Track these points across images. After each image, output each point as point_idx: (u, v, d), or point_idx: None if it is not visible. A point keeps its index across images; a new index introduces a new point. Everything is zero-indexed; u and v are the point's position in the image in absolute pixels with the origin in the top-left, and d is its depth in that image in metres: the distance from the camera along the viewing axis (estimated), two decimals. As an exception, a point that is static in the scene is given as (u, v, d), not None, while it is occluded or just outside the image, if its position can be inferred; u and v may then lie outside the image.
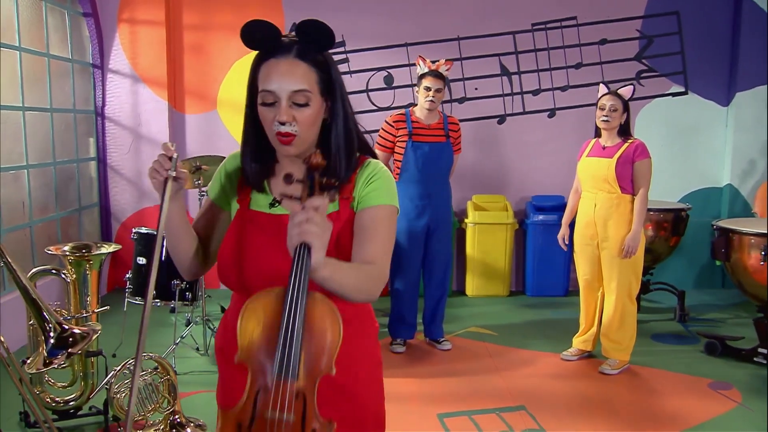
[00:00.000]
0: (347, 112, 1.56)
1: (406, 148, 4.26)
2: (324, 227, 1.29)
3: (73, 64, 5.52)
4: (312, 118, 1.48)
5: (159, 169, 1.49)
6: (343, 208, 1.56)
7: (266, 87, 1.46)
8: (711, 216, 5.98)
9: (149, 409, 3.07)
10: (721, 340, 4.43)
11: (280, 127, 1.45)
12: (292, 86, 1.45)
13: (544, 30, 5.91)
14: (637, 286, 4.13)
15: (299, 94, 1.45)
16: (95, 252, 3.34)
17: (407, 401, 3.69)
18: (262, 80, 1.47)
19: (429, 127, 4.30)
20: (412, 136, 4.25)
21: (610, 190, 4.01)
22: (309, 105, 1.47)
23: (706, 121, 6.07)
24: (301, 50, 1.47)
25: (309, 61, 1.47)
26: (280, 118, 1.45)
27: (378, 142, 4.40)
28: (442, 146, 4.31)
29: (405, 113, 4.35)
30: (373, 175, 1.57)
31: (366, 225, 1.54)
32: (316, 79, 1.48)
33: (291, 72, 1.45)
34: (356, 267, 1.47)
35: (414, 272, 4.43)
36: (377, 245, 1.53)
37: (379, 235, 1.54)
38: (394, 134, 4.30)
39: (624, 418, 3.53)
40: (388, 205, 1.56)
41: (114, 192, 5.99)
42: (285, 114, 1.45)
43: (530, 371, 4.17)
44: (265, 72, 1.47)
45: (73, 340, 2.16)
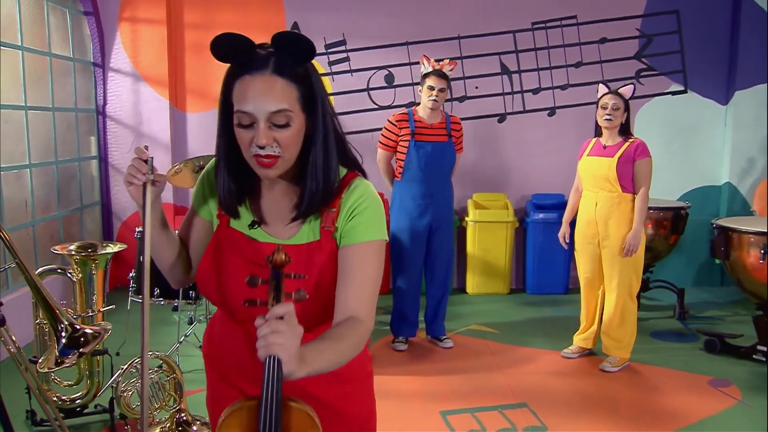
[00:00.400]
0: (328, 129, 1.43)
1: (408, 147, 4.28)
2: (292, 335, 1.17)
3: (74, 63, 5.53)
4: (294, 137, 1.37)
5: (136, 174, 1.42)
6: (324, 238, 1.45)
7: (242, 108, 1.33)
8: (710, 214, 6.02)
9: (156, 408, 3.10)
10: (721, 338, 4.47)
11: (259, 150, 1.34)
12: (270, 107, 1.32)
13: (544, 29, 5.94)
14: (638, 284, 4.17)
15: (279, 115, 1.33)
16: (101, 251, 3.36)
17: (410, 399, 3.72)
18: (237, 99, 1.35)
19: (431, 126, 4.32)
20: (415, 135, 4.28)
21: (610, 189, 4.04)
22: (290, 125, 1.35)
23: (705, 120, 6.11)
24: (278, 63, 1.33)
25: (287, 76, 1.34)
26: (259, 142, 1.33)
27: (380, 141, 4.42)
28: (445, 146, 4.34)
29: (408, 112, 4.37)
30: (359, 204, 1.44)
31: (352, 265, 1.42)
32: (296, 96, 1.35)
33: (268, 90, 1.32)
34: (336, 341, 1.33)
35: (416, 271, 4.46)
36: (363, 291, 1.42)
37: (367, 278, 1.43)
38: (397, 133, 4.32)
39: (624, 415, 3.56)
40: (375, 240, 1.45)
41: (115, 191, 6.00)
42: (264, 137, 1.33)
43: (531, 369, 4.20)
44: (240, 90, 1.34)
45: (84, 340, 2.18)
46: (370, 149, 5.20)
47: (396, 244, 4.41)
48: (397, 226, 4.39)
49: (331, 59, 5.89)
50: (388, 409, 3.50)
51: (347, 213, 1.45)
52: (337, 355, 1.32)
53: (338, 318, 1.41)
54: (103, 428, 3.33)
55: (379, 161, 4.47)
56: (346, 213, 1.45)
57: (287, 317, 1.18)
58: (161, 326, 4.89)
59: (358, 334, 1.37)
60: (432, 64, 4.34)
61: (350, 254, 1.43)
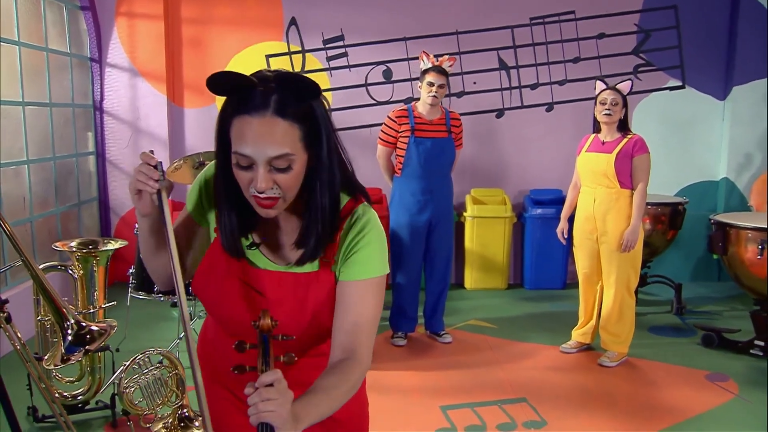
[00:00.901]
0: (333, 164, 1.36)
1: (408, 143, 4.28)
2: (282, 401, 1.15)
3: (71, 59, 5.51)
4: (295, 179, 1.31)
5: (147, 182, 1.33)
6: (323, 269, 1.40)
7: (240, 150, 1.25)
8: (707, 209, 6.04)
9: (158, 403, 3.11)
10: (718, 333, 4.50)
11: (258, 193, 1.28)
12: (270, 151, 1.24)
13: (542, 24, 5.94)
14: (636, 279, 4.19)
15: (280, 159, 1.26)
16: (102, 248, 3.36)
17: (410, 394, 3.74)
18: (235, 139, 1.26)
19: (431, 122, 4.32)
20: (415, 131, 4.28)
21: (609, 185, 4.05)
22: (291, 168, 1.28)
23: (702, 115, 6.12)
24: (280, 103, 1.25)
25: (290, 116, 1.25)
26: (259, 187, 1.26)
27: (380, 137, 4.42)
28: (444, 142, 4.34)
29: (407, 108, 4.37)
30: (361, 238, 1.39)
31: (350, 302, 1.38)
32: (299, 136, 1.28)
33: (269, 134, 1.24)
34: (330, 391, 1.30)
35: (415, 267, 4.47)
36: (361, 330, 1.38)
37: (365, 316, 1.38)
38: (397, 129, 4.32)
39: (623, 410, 3.58)
40: (376, 277, 1.40)
41: (113, 186, 5.99)
42: (264, 181, 1.26)
43: (530, 364, 4.22)
44: (239, 130, 1.25)
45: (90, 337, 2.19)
46: (369, 145, 5.22)
47: (395, 240, 4.42)
48: (397, 222, 4.41)
49: (329, 54, 5.89)
50: (389, 405, 3.52)
51: (347, 248, 1.39)
52: (332, 404, 1.30)
53: (334, 356, 1.38)
54: (105, 424, 3.34)
55: (379, 157, 4.47)
56: (346, 248, 1.39)
57: (276, 384, 1.17)
58: (160, 322, 4.90)
59: (353, 378, 1.34)
60: (431, 60, 4.35)
61: (349, 290, 1.39)
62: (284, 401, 1.16)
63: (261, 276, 1.42)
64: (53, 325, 3.13)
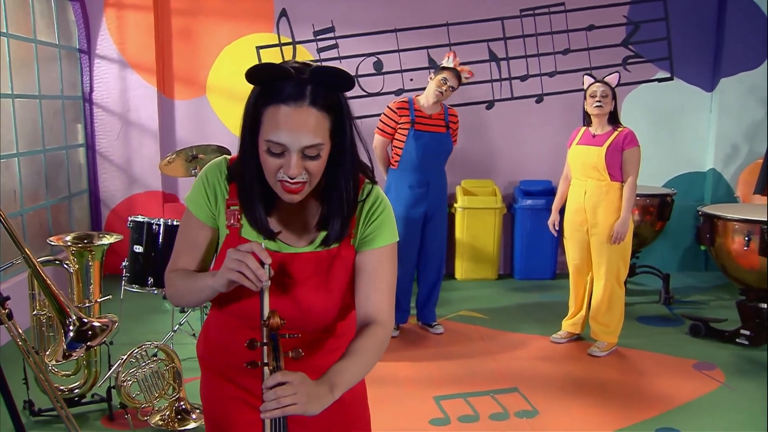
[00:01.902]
0: (355, 153, 1.44)
1: (407, 136, 4.30)
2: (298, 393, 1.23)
3: (59, 50, 5.47)
4: (322, 166, 1.37)
5: (254, 280, 1.31)
6: (344, 245, 1.48)
7: (274, 138, 1.31)
8: (695, 200, 6.13)
9: (155, 396, 3.13)
10: (705, 322, 4.58)
11: (287, 178, 1.33)
12: (305, 141, 1.31)
13: (532, 16, 5.97)
14: (625, 270, 4.25)
15: (312, 148, 1.32)
16: (97, 242, 3.37)
17: (404, 385, 3.78)
18: (269, 128, 1.31)
19: (431, 117, 4.34)
20: (415, 124, 4.30)
21: (599, 177, 4.10)
22: (320, 156, 1.35)
23: (690, 107, 6.19)
24: (314, 93, 1.31)
25: (322, 107, 1.32)
26: (291, 173, 1.32)
27: (379, 127, 4.42)
28: (442, 136, 4.37)
29: (408, 100, 4.38)
30: (375, 210, 1.49)
31: (370, 270, 1.49)
32: (328, 126, 1.35)
33: (304, 124, 1.30)
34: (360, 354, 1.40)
35: (411, 259, 4.50)
36: (384, 294, 1.49)
37: (386, 281, 1.50)
38: (397, 120, 4.33)
39: (612, 399, 3.65)
40: (390, 244, 1.51)
41: (103, 179, 5.97)
42: (296, 168, 1.32)
43: (522, 354, 4.28)
44: (273, 120, 1.31)
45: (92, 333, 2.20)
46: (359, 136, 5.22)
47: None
48: None
49: (319, 46, 5.88)
50: (383, 395, 3.56)
51: (365, 220, 1.49)
52: (364, 367, 1.41)
53: (360, 322, 1.49)
54: (102, 417, 3.36)
55: (375, 147, 4.46)
56: (364, 220, 1.49)
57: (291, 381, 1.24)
58: (154, 315, 4.92)
59: (379, 340, 1.45)
60: (455, 62, 4.32)
61: (369, 259, 1.49)
62: (301, 391, 1.23)
63: (285, 260, 1.46)
64: (49, 319, 3.14)
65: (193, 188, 1.51)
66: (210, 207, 1.50)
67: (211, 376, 1.62)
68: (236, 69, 4.57)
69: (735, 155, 6.14)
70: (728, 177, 6.19)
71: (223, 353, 1.58)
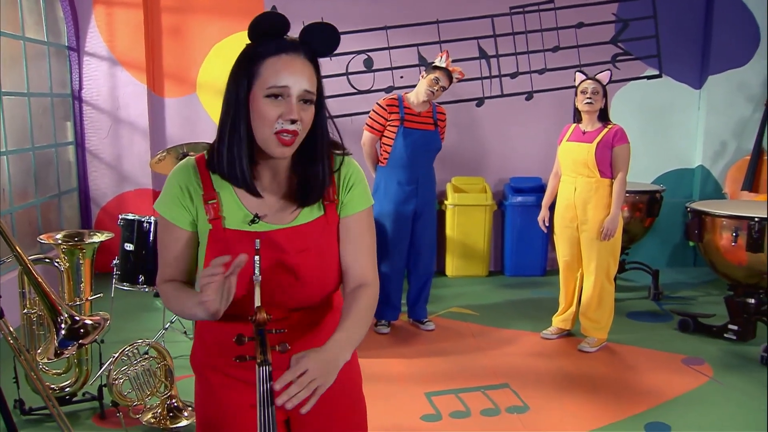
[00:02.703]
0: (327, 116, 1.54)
1: (396, 133, 4.31)
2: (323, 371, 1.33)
3: (48, 47, 5.44)
4: (312, 117, 1.46)
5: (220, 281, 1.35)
6: (329, 212, 1.55)
7: (278, 83, 1.39)
8: (683, 196, 6.17)
9: (147, 394, 3.13)
10: (694, 318, 4.62)
11: (286, 125, 1.39)
12: (305, 85, 1.41)
13: (522, 13, 5.99)
14: (615, 267, 4.28)
15: (309, 94, 1.42)
16: (88, 240, 3.36)
17: (395, 381, 3.80)
18: (270, 76, 1.40)
19: (420, 114, 4.35)
20: (404, 122, 4.31)
21: (589, 174, 4.13)
22: (313, 104, 1.45)
23: (679, 104, 6.23)
24: (309, 51, 1.44)
25: (314, 65, 1.46)
26: (292, 116, 1.39)
27: (368, 123, 4.42)
28: (431, 134, 4.38)
29: (398, 98, 4.39)
30: (350, 177, 1.59)
31: (356, 233, 1.58)
32: (316, 84, 1.46)
33: (303, 71, 1.42)
34: (358, 313, 1.50)
35: (401, 256, 4.51)
36: (368, 256, 1.60)
37: (367, 242, 1.60)
38: (386, 117, 4.34)
39: (603, 394, 3.68)
40: (368, 207, 1.61)
41: (93, 177, 5.95)
42: (296, 112, 1.40)
43: (512, 350, 4.30)
44: (274, 68, 1.40)
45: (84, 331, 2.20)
46: (349, 134, 5.21)
47: (381, 230, 4.44)
48: (382, 212, 4.43)
49: (310, 43, 5.87)
50: (374, 392, 3.56)
51: (344, 185, 1.58)
52: (364, 325, 1.51)
53: (350, 285, 1.58)
54: (94, 415, 3.35)
55: (364, 144, 4.46)
56: (343, 185, 1.58)
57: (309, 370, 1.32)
58: (145, 312, 4.91)
59: (372, 300, 1.57)
60: (448, 63, 4.34)
61: (352, 224, 1.58)
62: (319, 373, 1.33)
63: (275, 236, 1.49)
64: (39, 317, 3.13)
65: (164, 197, 1.51)
66: (189, 210, 1.51)
67: (207, 379, 1.62)
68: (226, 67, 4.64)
69: (723, 152, 6.19)
70: (716, 173, 6.24)
71: (218, 350, 1.58)
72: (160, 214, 1.52)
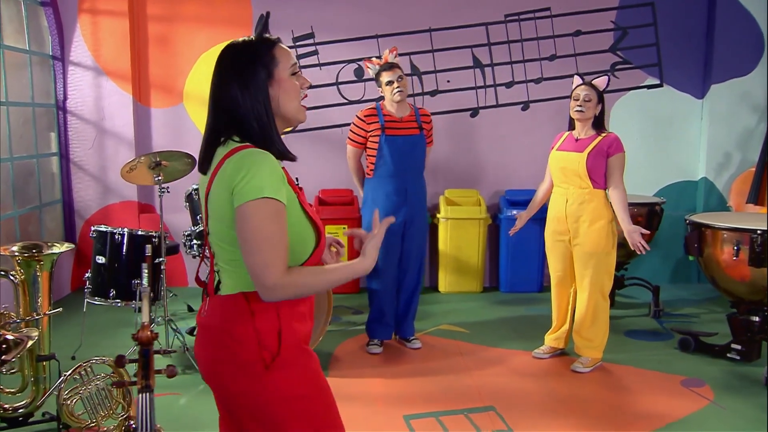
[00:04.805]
0: None
1: (379, 142, 4.14)
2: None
3: (30, 56, 5.33)
4: None
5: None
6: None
7: (293, 61, 1.70)
8: (686, 210, 5.94)
9: (102, 416, 2.94)
10: (695, 337, 4.38)
11: (304, 92, 1.72)
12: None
13: (517, 21, 5.82)
14: (610, 282, 4.05)
15: None
16: (46, 252, 3.20)
17: (374, 402, 3.59)
18: (286, 58, 1.68)
19: (401, 120, 4.19)
20: (386, 130, 4.14)
21: (581, 185, 3.92)
22: None
23: (681, 114, 6.02)
24: None
25: None
26: (308, 83, 1.74)
27: (349, 137, 4.28)
28: (416, 139, 4.21)
29: (376, 107, 4.23)
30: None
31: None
32: None
33: None
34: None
35: (392, 271, 4.30)
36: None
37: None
38: (366, 129, 4.18)
39: (594, 418, 3.45)
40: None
41: (78, 188, 5.81)
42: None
43: (501, 370, 4.08)
44: (283, 51, 1.69)
45: (6, 347, 2.03)
46: (340, 145, 5.07)
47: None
48: (371, 225, 4.21)
49: (299, 53, 5.74)
50: (351, 415, 3.35)
51: None
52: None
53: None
54: (49, 438, 3.17)
55: (349, 158, 4.33)
56: None
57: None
58: (120, 328, 4.74)
59: None
60: (375, 62, 4.22)
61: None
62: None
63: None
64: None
65: (272, 183, 1.55)
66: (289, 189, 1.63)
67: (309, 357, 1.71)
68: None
69: (727, 164, 5.96)
70: (720, 186, 6.00)
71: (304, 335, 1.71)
72: (278, 200, 1.55)
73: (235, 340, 1.61)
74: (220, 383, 1.66)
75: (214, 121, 1.67)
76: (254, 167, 1.54)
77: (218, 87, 1.66)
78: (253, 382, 1.61)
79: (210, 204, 1.64)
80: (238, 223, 1.54)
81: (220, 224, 1.62)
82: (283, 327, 1.63)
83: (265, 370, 1.61)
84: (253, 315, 1.60)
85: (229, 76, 1.63)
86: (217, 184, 1.60)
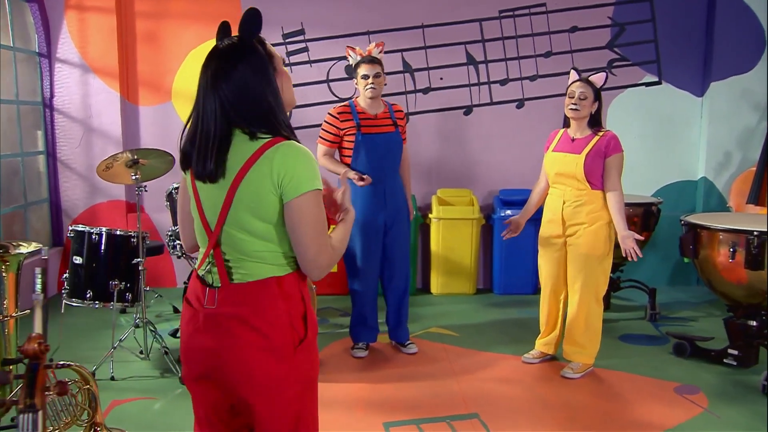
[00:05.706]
0: None
1: (355, 141, 4.00)
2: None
3: (15, 53, 5.24)
4: None
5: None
6: None
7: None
8: (685, 210, 5.78)
9: (66, 422, 2.83)
10: (691, 341, 4.24)
11: None
12: None
13: (512, 17, 5.69)
14: (605, 287, 3.90)
15: None
16: (13, 252, 3.10)
17: (354, 409, 3.47)
18: (275, 52, 1.77)
19: (376, 117, 4.06)
20: (361, 128, 4.01)
21: (578, 186, 3.77)
22: None
23: (680, 112, 5.87)
24: None
25: None
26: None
27: (321, 135, 4.10)
28: (393, 135, 4.08)
29: (349, 104, 4.10)
30: None
31: None
32: None
33: None
34: None
35: (373, 273, 4.18)
36: None
37: None
38: (339, 127, 4.04)
39: (581, 426, 3.32)
40: None
41: (65, 187, 5.72)
42: None
43: (488, 375, 3.95)
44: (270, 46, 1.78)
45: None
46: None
47: (350, 246, 4.10)
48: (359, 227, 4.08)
49: (289, 50, 5.63)
50: (329, 421, 3.24)
51: None
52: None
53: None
54: (13, 445, 3.07)
55: (320, 158, 4.09)
56: None
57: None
58: (101, 330, 4.65)
59: None
60: (358, 52, 4.09)
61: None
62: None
63: None
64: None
65: (317, 174, 1.68)
66: None
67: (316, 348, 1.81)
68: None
69: (727, 163, 5.81)
70: (720, 186, 5.85)
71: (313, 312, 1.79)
72: (321, 189, 1.70)
73: (268, 324, 1.65)
74: (238, 370, 1.66)
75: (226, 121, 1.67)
76: (303, 159, 1.64)
77: (243, 86, 1.66)
78: (281, 364, 1.67)
79: (239, 196, 1.64)
80: (294, 213, 1.63)
81: (249, 215, 1.65)
82: (308, 310, 1.73)
83: (294, 353, 1.68)
84: (285, 299, 1.68)
85: (253, 74, 1.67)
86: (255, 177, 1.63)
